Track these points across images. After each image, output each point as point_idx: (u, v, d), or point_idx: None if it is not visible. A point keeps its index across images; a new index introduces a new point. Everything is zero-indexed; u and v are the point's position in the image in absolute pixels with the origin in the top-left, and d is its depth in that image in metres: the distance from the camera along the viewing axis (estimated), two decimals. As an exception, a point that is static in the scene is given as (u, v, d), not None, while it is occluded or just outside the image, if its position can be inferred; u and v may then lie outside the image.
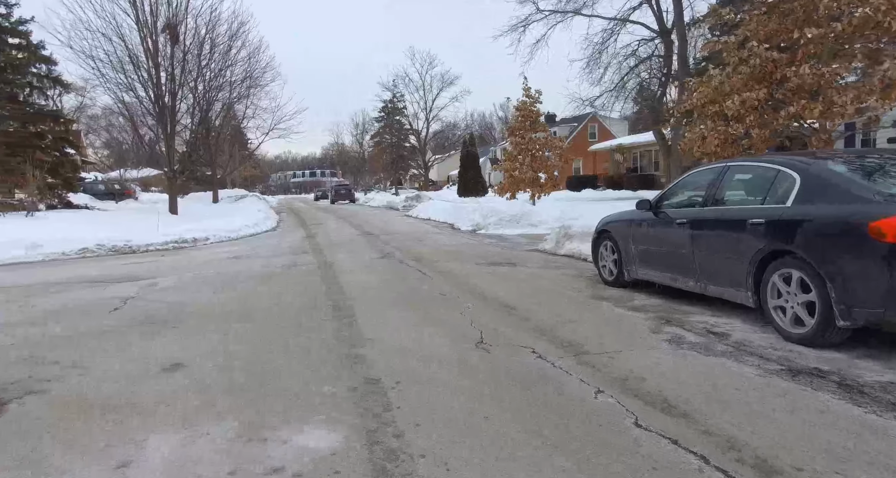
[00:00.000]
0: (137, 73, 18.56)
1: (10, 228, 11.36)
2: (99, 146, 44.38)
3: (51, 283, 7.26)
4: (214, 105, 24.62)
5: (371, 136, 53.19)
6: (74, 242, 10.91)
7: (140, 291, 6.57)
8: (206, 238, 13.17)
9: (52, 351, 4.12)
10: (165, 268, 8.60)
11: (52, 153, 18.83)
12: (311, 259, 9.16)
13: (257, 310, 5.39)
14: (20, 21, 17.70)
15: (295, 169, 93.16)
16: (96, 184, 27.46)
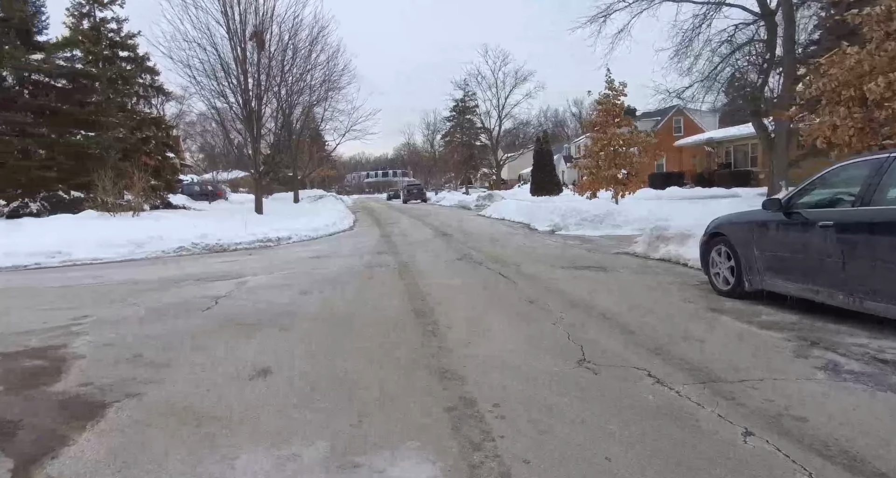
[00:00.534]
0: (228, 80, 19.70)
1: (120, 227, 12.32)
2: (195, 150, 48.13)
3: (152, 280, 7.66)
4: (296, 109, 25.69)
5: (442, 135, 53.48)
6: (173, 240, 11.62)
7: (231, 289, 6.72)
8: (289, 237, 13.59)
9: (151, 351, 4.19)
10: (253, 267, 8.85)
11: (155, 157, 20.45)
12: (389, 260, 9.06)
13: (340, 314, 5.28)
14: (129, 35, 19.37)
15: (368, 169, 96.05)
16: (192, 185, 29.68)
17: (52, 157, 16.20)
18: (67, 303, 6.13)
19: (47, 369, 3.85)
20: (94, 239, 10.76)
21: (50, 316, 5.45)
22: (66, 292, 6.86)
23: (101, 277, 8.05)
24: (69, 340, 4.57)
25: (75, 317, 5.40)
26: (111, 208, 14.28)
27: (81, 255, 10.20)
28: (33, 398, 3.31)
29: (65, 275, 8.56)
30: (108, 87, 18.61)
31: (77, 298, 6.41)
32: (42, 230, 11.31)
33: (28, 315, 5.53)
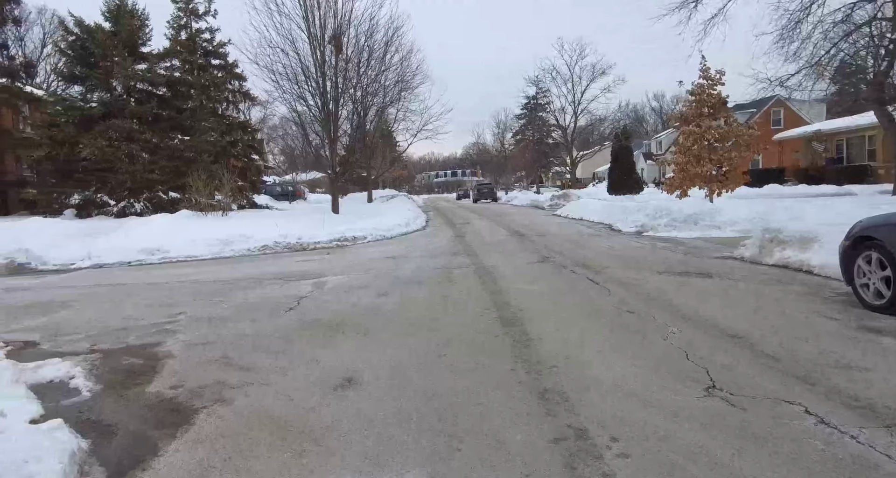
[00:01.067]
0: (307, 84, 20.33)
1: (210, 226, 12.99)
2: (276, 153, 50.77)
3: (239, 279, 7.86)
4: (370, 110, 26.15)
5: (513, 134, 52.62)
6: (257, 239, 12.04)
7: (312, 289, 6.70)
8: (364, 237, 13.69)
9: (238, 353, 4.14)
10: (331, 267, 8.88)
11: (241, 159, 21.57)
12: (465, 261, 8.74)
13: (422, 319, 5.01)
14: (220, 44, 20.55)
15: (437, 169, 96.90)
16: (274, 186, 31.25)
17: (154, 160, 17.52)
18: (164, 299, 6.37)
19: (142, 368, 3.88)
20: (188, 238, 11.38)
21: (148, 313, 5.65)
22: (163, 289, 7.17)
23: (193, 275, 8.40)
24: (163, 338, 4.65)
25: (170, 314, 5.56)
26: (203, 208, 15.14)
27: (177, 252, 10.80)
28: (129, 400, 3.30)
29: (163, 271, 9.04)
30: (201, 93, 19.85)
31: (172, 296, 6.65)
32: (144, 229, 12.15)
33: (130, 311, 5.77)
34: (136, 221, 13.69)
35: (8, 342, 4.54)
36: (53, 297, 6.72)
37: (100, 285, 7.54)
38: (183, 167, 17.14)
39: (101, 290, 7.14)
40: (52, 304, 6.20)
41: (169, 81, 18.63)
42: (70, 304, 6.17)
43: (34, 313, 5.75)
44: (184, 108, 18.96)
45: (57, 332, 4.91)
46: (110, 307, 5.98)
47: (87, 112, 16.78)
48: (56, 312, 5.76)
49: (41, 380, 3.60)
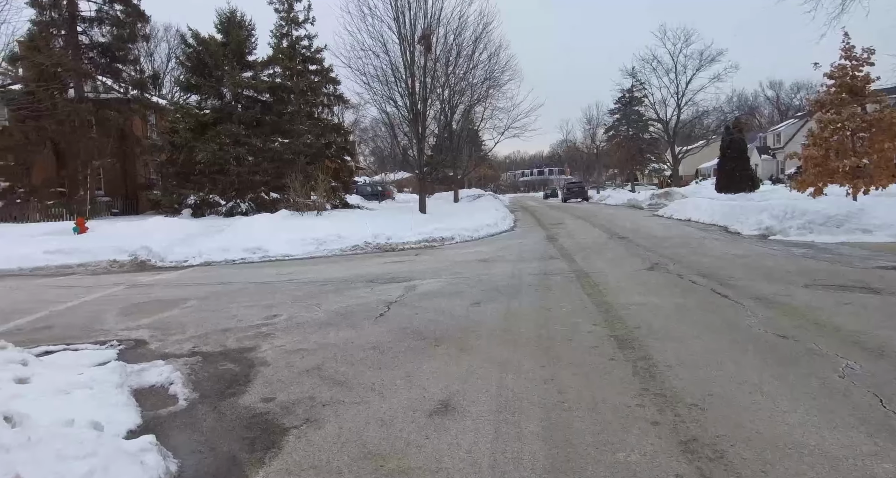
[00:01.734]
0: (397, 85, 20.57)
1: (306, 226, 13.43)
2: (367, 154, 52.69)
3: (331, 280, 7.86)
4: (457, 109, 26.00)
5: (605, 129, 49.99)
6: (349, 239, 12.22)
7: (402, 294, 6.46)
8: (452, 237, 13.42)
9: (330, 364, 3.93)
10: (422, 269, 8.65)
11: (335, 160, 22.40)
12: (562, 266, 8.08)
13: (522, 334, 4.51)
14: (318, 50, 21.45)
15: (523, 168, 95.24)
16: (364, 186, 32.27)
17: (257, 162, 18.65)
18: (262, 300, 6.45)
19: (237, 375, 3.78)
20: (285, 237, 11.79)
21: (247, 314, 5.70)
22: (262, 289, 7.32)
23: (289, 275, 8.56)
24: (259, 342, 4.59)
25: (267, 316, 5.56)
26: (300, 208, 15.79)
27: (275, 251, 11.21)
28: (221, 412, 3.16)
29: (262, 271, 9.35)
30: (299, 98, 20.84)
31: (270, 296, 6.74)
32: (247, 228, 12.83)
33: (231, 311, 5.87)
34: (241, 221, 14.54)
35: (122, 341, 4.72)
36: (167, 295, 7.09)
37: (208, 284, 7.89)
38: (283, 169, 18.05)
39: (208, 289, 7.45)
40: (165, 302, 6.50)
41: (271, 87, 19.73)
42: (181, 302, 6.44)
43: (149, 311, 6.04)
44: (284, 113, 19.99)
45: (165, 331, 5.05)
46: (214, 307, 6.14)
47: (201, 118, 18.23)
48: (167, 310, 6.01)
49: (144, 384, 3.60)
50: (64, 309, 6.11)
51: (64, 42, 19.65)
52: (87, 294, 7.11)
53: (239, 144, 18.26)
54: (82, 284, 8.10)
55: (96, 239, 11.35)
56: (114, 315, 5.76)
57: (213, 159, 17.36)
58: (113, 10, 20.30)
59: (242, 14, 19.77)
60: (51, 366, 3.67)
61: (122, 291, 7.36)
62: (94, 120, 20.20)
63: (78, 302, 6.50)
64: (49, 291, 7.36)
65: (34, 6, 18.87)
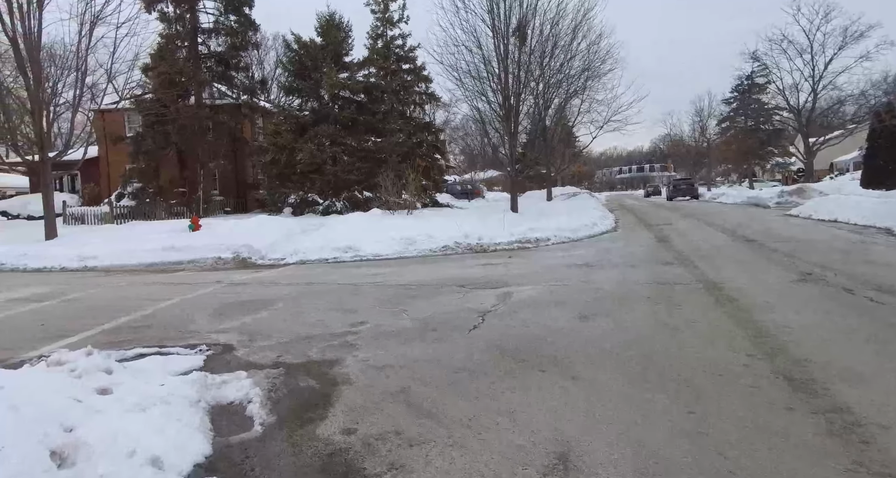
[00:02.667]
0: (489, 80, 19.97)
1: (397, 225, 13.30)
2: (457, 153, 52.72)
3: (421, 284, 7.44)
4: (552, 103, 24.78)
5: (717, 121, 45.32)
6: (439, 239, 11.83)
7: (496, 302, 5.84)
8: (547, 238, 12.54)
9: (417, 386, 3.42)
10: (517, 273, 7.96)
11: (426, 159, 22.31)
12: (682, 274, 6.96)
13: (645, 358, 3.70)
14: (411, 49, 21.48)
15: (620, 165, 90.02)
16: (454, 185, 32.11)
17: (352, 162, 19.05)
18: (349, 303, 6.17)
19: (317, 396, 3.40)
20: (377, 236, 11.68)
21: (333, 319, 5.41)
22: (350, 292, 7.08)
23: (378, 276, 8.30)
24: (343, 354, 4.22)
25: (353, 323, 5.22)
26: (391, 207, 15.77)
27: (366, 250, 11.12)
28: (296, 445, 2.76)
29: (352, 271, 9.21)
30: (392, 97, 21.00)
31: (357, 300, 6.45)
32: (340, 227, 12.96)
33: (318, 315, 5.63)
34: (335, 220, 14.82)
35: (210, 346, 4.59)
36: (259, 295, 7.09)
37: (299, 284, 7.84)
38: (375, 168, 18.24)
39: (299, 290, 7.36)
40: (257, 303, 6.46)
41: (365, 87, 20.06)
42: (271, 304, 6.35)
43: (243, 311, 5.99)
44: (377, 112, 20.24)
45: (252, 336, 4.88)
46: (302, 310, 5.95)
47: (301, 120, 18.98)
48: (257, 312, 5.92)
49: (222, 400, 3.32)
50: (165, 307, 6.26)
51: (186, 53, 21.51)
52: (189, 292, 7.32)
53: (335, 144, 18.76)
54: (187, 281, 8.45)
55: (206, 237, 12.05)
56: (208, 315, 5.76)
57: (311, 159, 17.98)
58: (228, 20, 21.84)
59: (340, 16, 20.32)
60: (136, 374, 3.52)
61: (220, 289, 7.51)
62: (211, 124, 21.93)
63: (179, 300, 6.67)
64: (156, 289, 7.72)
65: (162, 20, 20.82)
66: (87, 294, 7.19)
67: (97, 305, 6.31)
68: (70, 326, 5.28)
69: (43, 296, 7.09)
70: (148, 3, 20.27)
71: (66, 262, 10.22)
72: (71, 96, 14.66)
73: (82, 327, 5.26)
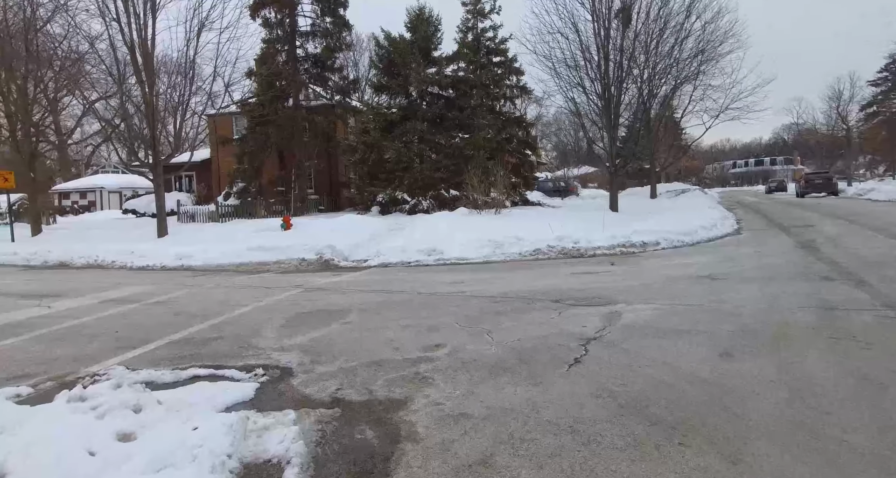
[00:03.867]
0: (587, 68, 18.39)
1: (484, 226, 12.44)
2: (549, 149, 50.72)
3: (508, 295, 6.51)
4: (658, 92, 22.41)
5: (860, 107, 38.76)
6: (529, 242, 10.80)
7: (601, 326, 4.76)
8: (656, 242, 10.97)
9: (505, 460, 2.52)
10: (623, 286, 6.74)
11: (516, 155, 21.21)
12: (854, 295, 5.37)
13: (852, 441, 2.46)
14: (502, 40, 20.50)
15: (734, 158, 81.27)
16: (546, 182, 30.54)
17: (439, 159, 18.51)
18: (427, 319, 5.42)
19: (372, 461, 2.62)
20: (462, 238, 10.92)
21: (407, 338, 4.68)
22: (428, 303, 6.34)
23: (462, 284, 7.50)
24: (412, 391, 3.45)
25: (428, 345, 4.45)
26: (478, 206, 14.96)
27: (450, 253, 10.39)
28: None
29: (434, 276, 8.51)
30: (481, 91, 20.16)
31: (437, 312, 5.69)
32: (424, 228, 12.39)
33: (389, 333, 4.94)
34: (419, 220, 14.31)
35: (268, 368, 4.04)
36: (334, 304, 6.60)
37: (377, 291, 7.27)
38: (462, 165, 17.52)
39: (377, 298, 6.77)
40: (330, 314, 5.94)
41: (454, 82, 19.40)
42: (344, 315, 5.80)
43: (314, 323, 5.48)
44: (465, 107, 19.51)
45: (315, 357, 4.28)
46: (374, 325, 5.30)
47: (389, 117, 18.77)
48: (328, 324, 5.36)
49: (258, 456, 2.67)
50: (239, 315, 5.95)
51: (285, 56, 22.33)
52: (266, 297, 7.03)
53: (422, 141, 18.33)
54: (268, 284, 8.25)
55: (294, 236, 12.08)
56: (278, 328, 5.30)
57: (398, 157, 17.69)
58: (324, 22, 22.33)
59: (430, 10, 19.84)
60: (171, 410, 3.00)
61: (297, 296, 7.15)
62: (307, 125, 22.61)
63: (252, 307, 6.35)
64: (237, 293, 7.54)
65: (265, 26, 21.75)
66: (171, 297, 7.18)
67: (175, 311, 6.17)
68: (141, 336, 5.07)
69: (131, 298, 7.19)
70: (253, 10, 21.28)
71: (166, 260, 10.65)
72: (180, 100, 15.59)
73: (153, 337, 5.02)
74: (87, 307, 6.55)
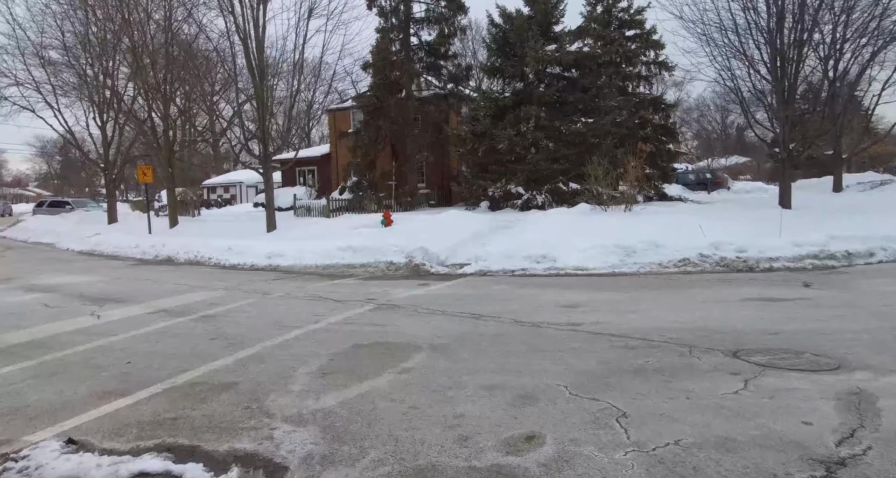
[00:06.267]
0: (751, 31, 14.63)
1: (610, 226, 10.10)
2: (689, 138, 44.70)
3: (652, 338, 4.39)
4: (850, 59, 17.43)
5: None
6: (673, 249, 8.31)
7: (845, 427, 2.57)
8: (870, 253, 7.84)
9: None
10: (842, 326, 4.27)
11: (651, 143, 18.07)
12: None
13: None
14: (638, 10, 17.45)
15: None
16: (686, 174, 26.20)
17: (557, 148, 16.22)
18: (521, 373, 3.61)
19: None
20: (581, 242, 8.77)
21: (484, 417, 2.92)
22: (528, 343, 4.49)
23: (576, 312, 5.48)
24: None
25: (512, 439, 2.65)
26: (603, 201, 12.53)
27: (566, 260, 8.34)
28: None
29: (540, 295, 6.59)
30: (610, 69, 17.36)
31: (536, 362, 3.84)
32: (534, 227, 10.45)
33: (464, 396, 3.22)
34: (532, 217, 12.33)
35: (249, 466, 2.55)
36: (402, 334, 5.07)
37: (462, 317, 5.58)
38: (585, 154, 15.06)
39: (459, 330, 5.09)
40: (389, 351, 4.40)
41: (577, 60, 16.87)
42: (406, 357, 4.20)
43: (358, 371, 3.97)
44: (589, 88, 16.88)
45: (334, 446, 2.72)
46: (441, 385, 3.61)
47: (501, 103, 16.90)
48: (377, 374, 3.80)
49: None
50: (278, 344, 4.66)
51: (399, 45, 21.60)
52: (328, 315, 5.72)
53: (538, 128, 16.18)
54: (340, 295, 6.98)
55: (390, 235, 10.91)
56: (310, 372, 3.86)
57: (510, 147, 15.80)
58: (439, 6, 21.16)
59: (551, -22, 17.48)
60: None
61: (362, 315, 5.74)
62: (419, 116, 21.71)
63: (303, 332, 5.04)
64: (299, 306, 6.34)
65: (380, 15, 21.19)
66: (226, 310, 6.18)
67: (214, 333, 5.05)
68: (146, 374, 3.90)
69: (185, 309, 6.26)
70: (370, 0, 20.88)
71: (256, 259, 10.09)
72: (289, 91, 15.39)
73: (158, 376, 3.83)
74: (131, 320, 5.71)
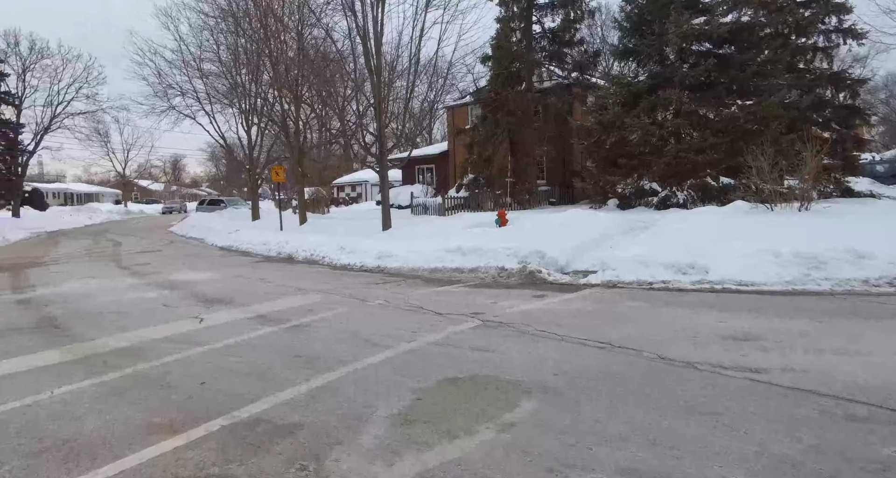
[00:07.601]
0: None
1: (778, 229, 8.03)
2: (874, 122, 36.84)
3: (890, 404, 2.89)
4: None
5: None
6: (880, 260, 6.19)
7: None
8: None
9: None
10: None
11: (831, 128, 14.71)
12: None
13: None
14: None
15: None
16: (873, 165, 21.24)
17: (703, 137, 13.86)
18: (676, 446, 2.43)
19: None
20: (740, 248, 7.00)
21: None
22: (685, 388, 3.26)
23: (752, 344, 4.03)
24: None
25: None
26: (767, 199, 10.22)
27: (721, 272, 6.68)
28: None
29: (692, 320, 5.17)
30: (775, 42, 14.41)
31: (709, 428, 2.63)
32: (677, 229, 8.72)
33: None
34: (671, 217, 10.49)
35: None
36: (509, 363, 4.11)
37: (588, 343, 4.46)
38: (740, 143, 12.59)
39: (584, 362, 4.00)
40: (488, 392, 3.49)
41: (732, 32, 14.23)
42: (512, 404, 3.25)
43: (445, 423, 3.12)
44: (748, 65, 14.13)
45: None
46: (556, 461, 2.59)
47: (634, 88, 14.93)
48: (469, 434, 2.91)
49: None
50: (360, 369, 3.97)
51: (521, 34, 20.46)
52: (425, 332, 4.95)
53: (679, 115, 13.97)
54: (442, 305, 6.18)
55: (504, 236, 9.99)
56: (387, 419, 3.09)
57: (644, 138, 13.84)
58: (567, -13, 19.65)
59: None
60: None
61: (463, 335, 4.87)
62: (540, 108, 20.40)
63: (393, 354, 4.31)
64: (397, 318, 5.61)
65: (500, 4, 20.24)
66: (320, 319, 5.69)
67: (300, 349, 4.49)
68: (210, 403, 3.33)
69: (280, 315, 5.87)
70: (490, -12, 20.04)
71: (367, 259, 9.81)
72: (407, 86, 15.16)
73: (226, 405, 3.30)
74: (227, 326, 5.43)
